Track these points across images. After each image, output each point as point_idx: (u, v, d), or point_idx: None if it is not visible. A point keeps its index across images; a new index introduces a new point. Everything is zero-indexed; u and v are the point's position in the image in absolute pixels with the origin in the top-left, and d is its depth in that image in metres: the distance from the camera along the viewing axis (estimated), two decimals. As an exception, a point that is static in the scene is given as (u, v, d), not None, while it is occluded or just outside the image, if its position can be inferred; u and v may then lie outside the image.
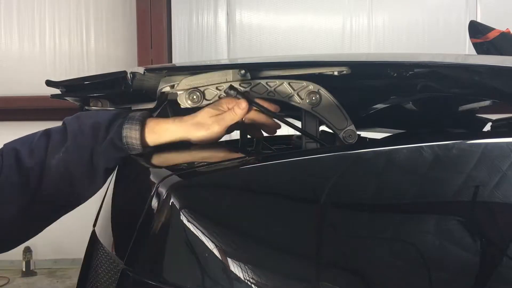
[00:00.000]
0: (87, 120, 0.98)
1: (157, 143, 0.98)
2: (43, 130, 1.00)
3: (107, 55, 4.10)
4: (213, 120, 0.96)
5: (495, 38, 1.94)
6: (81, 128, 0.97)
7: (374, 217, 0.78)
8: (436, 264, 0.74)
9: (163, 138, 0.98)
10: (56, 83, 1.08)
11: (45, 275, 3.87)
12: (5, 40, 4.06)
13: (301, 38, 4.08)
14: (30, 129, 1.05)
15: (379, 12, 4.09)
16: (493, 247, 0.78)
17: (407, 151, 0.79)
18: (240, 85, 0.97)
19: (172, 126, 0.98)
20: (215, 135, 0.98)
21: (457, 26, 4.04)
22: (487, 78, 0.97)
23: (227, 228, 0.76)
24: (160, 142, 0.98)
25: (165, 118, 1.01)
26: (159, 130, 0.97)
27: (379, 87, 1.20)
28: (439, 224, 0.77)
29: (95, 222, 1.17)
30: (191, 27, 4.09)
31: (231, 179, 0.81)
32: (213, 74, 0.97)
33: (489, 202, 0.78)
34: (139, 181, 0.99)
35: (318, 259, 0.75)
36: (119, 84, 1.05)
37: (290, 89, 0.97)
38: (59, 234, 2.29)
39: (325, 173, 0.79)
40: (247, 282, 0.71)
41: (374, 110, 1.48)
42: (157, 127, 0.98)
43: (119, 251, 0.87)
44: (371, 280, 0.75)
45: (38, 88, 3.64)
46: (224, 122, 0.96)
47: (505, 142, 0.80)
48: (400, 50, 4.04)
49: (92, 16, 4.08)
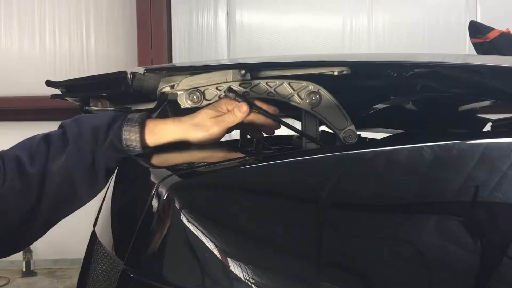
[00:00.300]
0: (86, 123, 0.98)
1: (156, 144, 0.98)
2: (42, 134, 0.99)
3: (107, 55, 4.10)
4: (212, 121, 0.96)
5: (495, 38, 1.94)
6: (80, 131, 0.97)
7: (374, 217, 0.78)
8: (436, 264, 0.74)
9: (162, 139, 0.98)
10: (56, 83, 1.08)
11: (45, 275, 3.87)
12: (5, 40, 4.05)
13: (301, 38, 4.07)
14: (30, 129, 1.05)
15: (379, 12, 4.09)
16: (494, 247, 0.78)
17: (407, 151, 0.79)
18: (240, 85, 0.97)
19: (171, 127, 0.98)
20: (214, 136, 0.98)
21: (457, 26, 4.04)
22: (487, 78, 0.97)
23: (227, 228, 0.76)
24: (159, 143, 0.98)
25: (164, 119, 1.01)
26: (158, 131, 0.98)
27: (379, 87, 1.20)
28: (440, 224, 0.77)
29: (95, 222, 1.17)
30: (191, 27, 4.09)
31: (231, 179, 0.81)
32: (213, 74, 0.97)
33: (489, 202, 0.78)
34: (139, 181, 0.99)
35: (318, 259, 0.75)
36: (119, 84, 1.05)
37: (290, 89, 0.97)
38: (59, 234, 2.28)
39: (325, 174, 0.79)
40: (247, 282, 0.71)
41: (374, 110, 1.48)
42: (156, 128, 0.98)
43: (119, 251, 0.87)
44: (371, 280, 0.75)
45: (38, 88, 3.64)
46: (224, 124, 0.96)
47: (505, 142, 0.80)
48: (400, 50, 4.04)
49: (92, 16, 4.08)
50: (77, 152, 0.95)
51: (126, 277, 0.78)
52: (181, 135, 0.98)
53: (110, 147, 0.96)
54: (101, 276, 0.93)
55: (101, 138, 0.96)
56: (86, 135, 0.96)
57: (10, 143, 1.03)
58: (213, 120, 0.96)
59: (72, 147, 0.96)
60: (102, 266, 0.94)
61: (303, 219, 0.76)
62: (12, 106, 3.94)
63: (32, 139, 0.99)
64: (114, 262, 0.87)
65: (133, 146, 0.96)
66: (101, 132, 0.96)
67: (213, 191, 0.80)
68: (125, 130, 0.95)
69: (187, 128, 0.97)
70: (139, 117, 0.98)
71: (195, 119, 0.97)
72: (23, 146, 0.98)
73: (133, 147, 0.96)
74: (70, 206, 1.00)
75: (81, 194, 0.99)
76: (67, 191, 0.97)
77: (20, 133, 1.04)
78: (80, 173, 0.96)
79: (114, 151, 0.97)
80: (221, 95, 0.98)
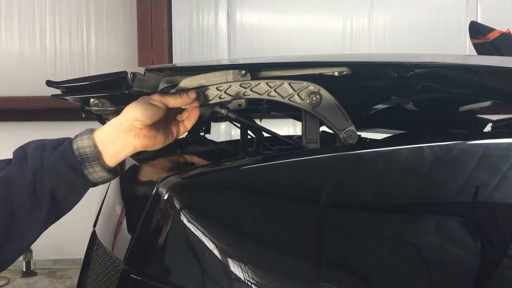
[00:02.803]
0: (32, 143, 0.92)
1: (107, 139, 0.91)
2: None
3: (108, 55, 4.10)
4: (158, 98, 0.92)
5: (495, 38, 1.95)
6: (25, 152, 0.89)
7: (375, 217, 0.78)
8: (437, 264, 0.74)
9: (111, 132, 0.90)
10: (56, 83, 1.08)
11: (45, 275, 3.87)
12: (5, 40, 4.06)
13: (301, 38, 4.08)
14: (30, 129, 1.04)
15: (379, 13, 4.09)
16: (494, 248, 0.78)
17: (407, 151, 0.79)
18: (241, 85, 0.97)
19: (114, 119, 0.92)
20: (157, 112, 0.91)
21: (458, 27, 4.04)
22: (488, 79, 0.97)
23: (227, 228, 0.76)
24: (111, 137, 0.91)
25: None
26: (106, 126, 0.92)
27: (379, 87, 1.20)
28: (440, 224, 0.77)
29: (95, 222, 1.17)
30: (192, 27, 4.09)
31: (231, 179, 0.81)
32: (213, 74, 0.97)
33: (489, 202, 0.78)
34: (139, 181, 0.99)
35: (318, 259, 0.75)
36: (119, 85, 1.04)
37: (290, 89, 0.97)
38: (59, 234, 2.29)
39: (325, 174, 0.79)
40: (247, 282, 0.71)
41: (375, 110, 1.48)
42: (104, 126, 0.92)
43: (119, 251, 0.87)
44: (372, 280, 0.75)
45: (38, 88, 3.65)
46: (166, 100, 0.92)
47: (505, 143, 0.80)
48: (400, 50, 4.04)
49: (92, 16, 4.08)
50: (17, 170, 0.87)
51: (126, 277, 0.78)
52: (126, 116, 0.91)
53: (58, 162, 0.87)
54: (101, 276, 0.93)
55: (46, 155, 0.88)
56: (30, 154, 0.89)
57: (10, 143, 1.03)
58: (158, 98, 0.93)
59: (14, 164, 0.88)
60: (102, 266, 0.94)
61: (303, 219, 0.76)
62: (12, 106, 3.94)
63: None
64: (114, 262, 0.87)
65: (86, 153, 0.88)
66: (47, 150, 0.89)
67: (213, 191, 0.80)
68: (75, 141, 0.89)
69: (133, 107, 0.91)
70: (88, 129, 0.93)
71: (140, 99, 0.93)
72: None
73: (86, 154, 0.88)
74: (8, 231, 0.86)
75: (20, 217, 0.86)
76: (4, 216, 0.85)
77: (20, 133, 1.04)
78: (16, 190, 0.85)
79: (63, 166, 0.87)
80: (222, 95, 0.98)
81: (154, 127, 0.92)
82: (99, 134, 0.91)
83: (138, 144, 0.90)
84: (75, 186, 0.89)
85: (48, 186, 0.86)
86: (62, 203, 0.89)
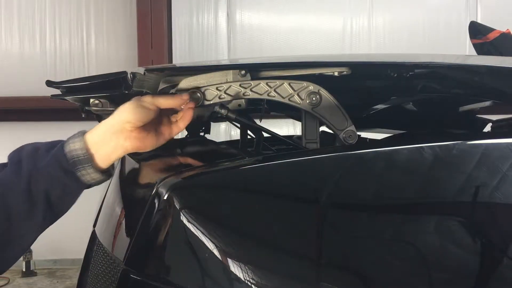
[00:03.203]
0: (26, 146, 0.92)
1: (99, 141, 0.90)
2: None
3: (108, 55, 4.11)
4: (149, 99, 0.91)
5: (495, 38, 1.95)
6: (20, 155, 0.90)
7: (374, 217, 0.78)
8: (437, 264, 0.74)
9: (103, 134, 0.90)
10: (56, 83, 1.08)
11: (45, 275, 3.87)
12: (5, 40, 4.06)
13: (301, 38, 4.08)
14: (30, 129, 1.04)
15: (379, 13, 4.09)
16: (494, 248, 0.78)
17: (407, 151, 0.79)
18: (240, 85, 0.97)
19: (105, 121, 0.92)
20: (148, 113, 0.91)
21: (458, 27, 4.04)
22: (488, 79, 0.97)
23: (227, 228, 0.76)
24: (103, 139, 0.90)
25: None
26: (97, 128, 0.91)
27: (379, 87, 1.20)
28: (440, 224, 0.77)
29: (95, 222, 1.17)
30: (192, 27, 4.09)
31: (231, 180, 0.81)
32: (213, 74, 0.97)
33: (489, 202, 0.78)
34: (139, 182, 0.99)
35: (318, 259, 0.75)
36: (119, 85, 1.04)
37: (290, 89, 0.97)
38: (59, 234, 2.29)
39: (325, 174, 0.79)
40: (247, 282, 0.71)
41: (375, 110, 1.48)
42: (95, 128, 0.92)
43: (119, 251, 0.87)
44: (372, 280, 0.75)
45: (38, 88, 3.65)
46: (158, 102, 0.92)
47: (505, 143, 0.80)
48: (400, 50, 4.04)
49: (92, 17, 4.09)
50: (12, 175, 0.87)
51: (126, 277, 0.78)
52: (116, 119, 0.90)
53: (51, 165, 0.87)
54: (101, 276, 0.93)
55: (40, 159, 0.88)
56: (24, 157, 0.89)
57: (10, 143, 1.02)
58: (150, 99, 0.92)
59: (9, 168, 0.88)
60: (102, 266, 0.94)
61: (303, 220, 0.76)
62: (12, 106, 3.94)
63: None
64: (114, 262, 0.87)
65: (78, 155, 0.88)
66: (41, 153, 0.89)
67: (213, 191, 0.80)
68: (67, 144, 0.89)
69: (124, 110, 0.91)
70: (79, 131, 0.92)
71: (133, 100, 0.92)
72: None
73: (78, 156, 0.88)
74: (5, 235, 0.86)
75: (17, 221, 0.86)
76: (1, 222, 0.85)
77: (20, 133, 1.04)
78: (12, 195, 0.85)
79: (57, 169, 0.87)
80: (222, 95, 0.98)
81: (145, 129, 0.91)
82: (91, 136, 0.90)
83: (128, 146, 0.90)
84: (69, 188, 0.89)
85: (43, 189, 0.87)
86: (57, 205, 0.89)
